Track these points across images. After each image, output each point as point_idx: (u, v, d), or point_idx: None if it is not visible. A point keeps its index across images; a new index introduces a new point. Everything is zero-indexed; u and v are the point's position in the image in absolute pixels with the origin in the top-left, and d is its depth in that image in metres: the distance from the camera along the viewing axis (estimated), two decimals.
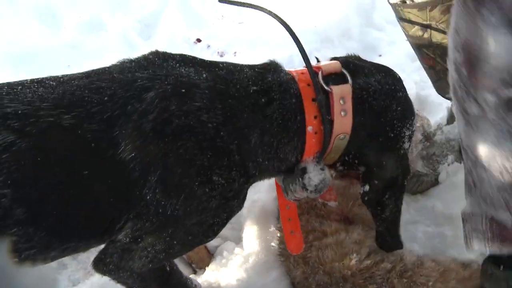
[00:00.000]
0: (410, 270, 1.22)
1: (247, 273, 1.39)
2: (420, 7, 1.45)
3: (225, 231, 1.25)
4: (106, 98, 0.90)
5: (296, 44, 1.05)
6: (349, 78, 1.05)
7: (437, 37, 1.47)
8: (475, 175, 1.04)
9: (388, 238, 1.25)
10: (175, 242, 1.00)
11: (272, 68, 1.07)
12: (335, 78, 1.05)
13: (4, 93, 0.89)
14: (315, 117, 1.02)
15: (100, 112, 0.89)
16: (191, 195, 0.94)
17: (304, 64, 1.06)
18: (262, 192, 1.57)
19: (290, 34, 1.05)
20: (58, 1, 3.02)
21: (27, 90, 0.90)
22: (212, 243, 1.57)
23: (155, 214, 0.93)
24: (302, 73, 1.06)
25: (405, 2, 1.54)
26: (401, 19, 1.57)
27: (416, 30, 1.53)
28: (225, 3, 1.20)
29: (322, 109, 1.01)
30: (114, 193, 0.91)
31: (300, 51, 1.04)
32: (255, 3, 1.14)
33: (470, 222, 1.09)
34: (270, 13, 1.09)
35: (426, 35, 1.50)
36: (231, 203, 1.01)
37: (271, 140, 1.01)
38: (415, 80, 2.05)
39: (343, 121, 1.03)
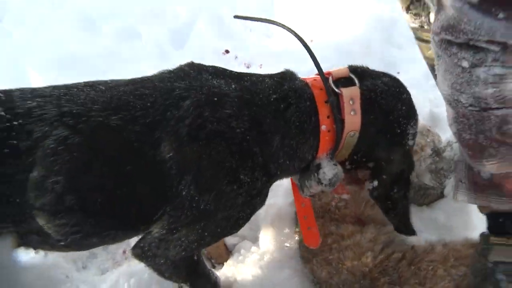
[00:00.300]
0: (419, 256, 1.28)
1: (261, 270, 1.46)
2: None
3: (243, 230, 1.31)
4: (148, 104, 1.01)
5: (308, 52, 1.14)
6: (356, 81, 1.14)
7: None
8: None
9: (403, 229, 1.35)
10: (206, 234, 1.09)
11: (288, 76, 1.16)
12: (344, 81, 1.15)
13: (61, 94, 1.01)
14: (328, 117, 1.11)
15: (143, 117, 0.99)
16: (221, 192, 1.04)
17: (316, 72, 1.15)
18: (278, 197, 1.63)
19: (301, 43, 1.15)
20: (98, 10, 3.09)
21: (80, 93, 1.02)
22: (230, 241, 1.64)
23: (189, 209, 1.02)
24: (315, 80, 1.16)
25: (423, 27, 1.63)
26: (420, 40, 1.66)
27: (432, 53, 1.61)
28: (240, 19, 1.30)
29: (334, 110, 1.09)
30: (155, 192, 1.00)
31: (311, 58, 1.14)
32: (274, 19, 1.23)
33: (456, 171, 1.13)
34: (283, 26, 1.19)
35: None
36: (254, 200, 1.11)
37: (291, 142, 1.10)
38: (430, 98, 2.08)
39: (353, 120, 1.12)
